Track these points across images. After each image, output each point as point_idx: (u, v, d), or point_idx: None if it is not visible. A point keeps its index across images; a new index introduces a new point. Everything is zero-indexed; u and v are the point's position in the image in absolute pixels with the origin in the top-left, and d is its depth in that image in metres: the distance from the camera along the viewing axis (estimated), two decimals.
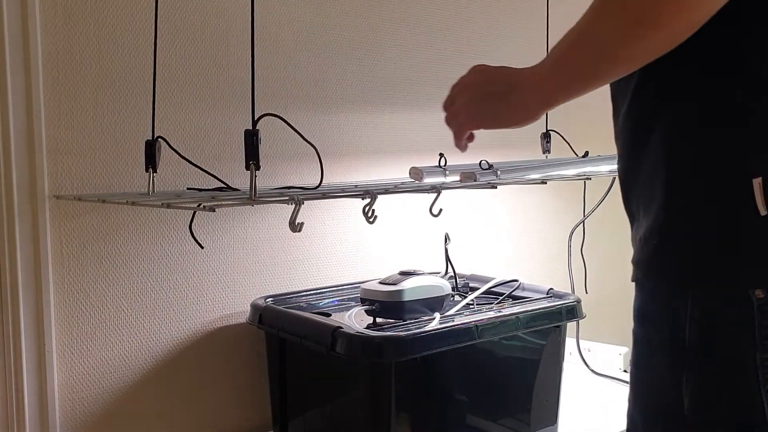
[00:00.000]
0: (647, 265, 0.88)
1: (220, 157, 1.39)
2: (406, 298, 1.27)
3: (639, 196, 0.91)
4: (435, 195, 1.18)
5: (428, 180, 1.30)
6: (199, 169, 1.26)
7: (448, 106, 1.04)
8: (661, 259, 0.86)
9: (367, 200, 1.07)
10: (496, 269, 1.81)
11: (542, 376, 1.37)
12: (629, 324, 0.92)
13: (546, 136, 1.77)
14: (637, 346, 0.91)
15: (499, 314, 1.29)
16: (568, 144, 1.74)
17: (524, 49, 1.89)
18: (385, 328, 1.23)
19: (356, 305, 1.30)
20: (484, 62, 1.02)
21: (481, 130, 1.07)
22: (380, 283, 1.31)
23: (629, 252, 0.92)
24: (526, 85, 0.95)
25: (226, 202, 1.04)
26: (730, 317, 0.81)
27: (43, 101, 1.20)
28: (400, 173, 1.56)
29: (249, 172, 0.99)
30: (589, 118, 2.08)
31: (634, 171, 0.92)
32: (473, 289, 1.48)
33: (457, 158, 1.39)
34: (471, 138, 1.08)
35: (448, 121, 1.05)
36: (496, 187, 1.30)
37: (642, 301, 0.91)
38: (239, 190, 1.22)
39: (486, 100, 0.99)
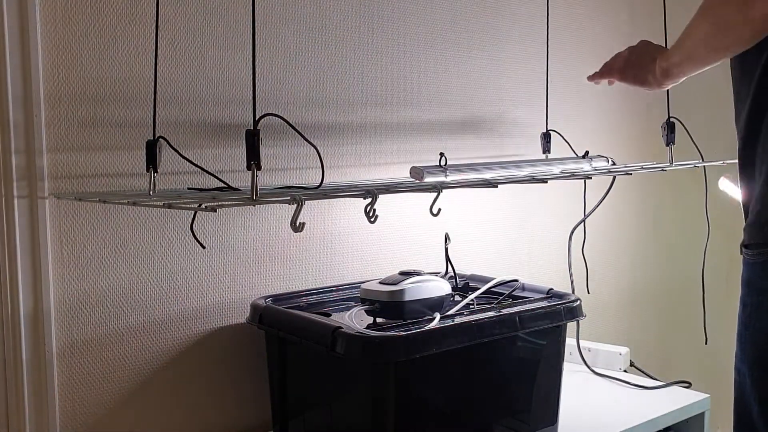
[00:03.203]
0: (750, 229, 1.16)
1: (220, 157, 1.39)
2: (407, 298, 1.27)
3: (750, 176, 1.17)
4: (435, 194, 1.18)
5: (428, 179, 1.30)
6: (199, 169, 1.26)
7: (613, 59, 1.42)
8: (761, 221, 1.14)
9: (369, 199, 1.07)
10: (496, 269, 1.81)
11: (542, 376, 1.37)
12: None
13: (546, 136, 1.77)
14: (746, 309, 1.16)
15: (499, 314, 1.29)
16: (568, 144, 1.75)
17: (524, 49, 1.89)
18: (385, 328, 1.23)
19: (356, 305, 1.30)
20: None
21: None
22: (380, 283, 1.31)
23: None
24: (659, 58, 1.28)
25: (228, 202, 1.03)
26: None
27: (43, 101, 1.20)
28: (400, 173, 1.56)
29: (250, 172, 0.99)
30: (589, 118, 2.09)
31: (750, 155, 1.17)
32: (473, 289, 1.48)
33: (457, 158, 1.39)
34: (611, 82, 1.46)
35: (606, 67, 1.44)
36: (497, 186, 1.30)
37: (749, 272, 1.16)
38: (240, 189, 1.22)
39: (636, 62, 1.35)
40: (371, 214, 1.07)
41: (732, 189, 1.74)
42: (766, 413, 1.15)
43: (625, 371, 1.73)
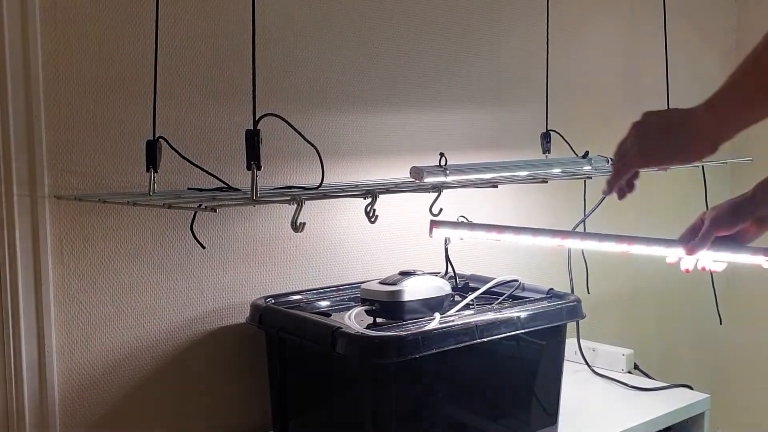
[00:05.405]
0: None
1: (220, 157, 1.39)
2: (406, 298, 1.27)
3: None
4: (435, 194, 1.19)
5: (428, 179, 1.30)
6: (199, 169, 1.26)
7: (619, 149, 1.05)
8: None
9: (369, 200, 1.07)
10: (496, 269, 1.81)
11: (542, 376, 1.37)
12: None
13: (546, 136, 1.77)
14: None
15: (499, 314, 1.29)
16: (568, 144, 1.75)
17: (524, 49, 1.89)
18: (385, 328, 1.23)
19: (356, 305, 1.30)
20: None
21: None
22: (380, 283, 1.31)
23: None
24: (698, 115, 0.95)
25: (228, 202, 1.04)
26: None
27: (43, 101, 1.20)
28: (400, 173, 1.56)
29: (250, 172, 0.99)
30: (589, 118, 2.08)
31: None
32: (473, 289, 1.48)
33: (457, 158, 1.39)
34: (631, 188, 1.13)
35: (617, 163, 1.06)
36: (497, 186, 1.30)
37: None
38: (240, 190, 1.22)
39: (658, 137, 1.00)
40: (371, 214, 1.07)
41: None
42: None
43: (629, 372, 1.73)
